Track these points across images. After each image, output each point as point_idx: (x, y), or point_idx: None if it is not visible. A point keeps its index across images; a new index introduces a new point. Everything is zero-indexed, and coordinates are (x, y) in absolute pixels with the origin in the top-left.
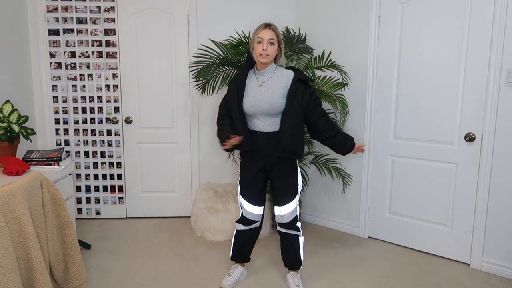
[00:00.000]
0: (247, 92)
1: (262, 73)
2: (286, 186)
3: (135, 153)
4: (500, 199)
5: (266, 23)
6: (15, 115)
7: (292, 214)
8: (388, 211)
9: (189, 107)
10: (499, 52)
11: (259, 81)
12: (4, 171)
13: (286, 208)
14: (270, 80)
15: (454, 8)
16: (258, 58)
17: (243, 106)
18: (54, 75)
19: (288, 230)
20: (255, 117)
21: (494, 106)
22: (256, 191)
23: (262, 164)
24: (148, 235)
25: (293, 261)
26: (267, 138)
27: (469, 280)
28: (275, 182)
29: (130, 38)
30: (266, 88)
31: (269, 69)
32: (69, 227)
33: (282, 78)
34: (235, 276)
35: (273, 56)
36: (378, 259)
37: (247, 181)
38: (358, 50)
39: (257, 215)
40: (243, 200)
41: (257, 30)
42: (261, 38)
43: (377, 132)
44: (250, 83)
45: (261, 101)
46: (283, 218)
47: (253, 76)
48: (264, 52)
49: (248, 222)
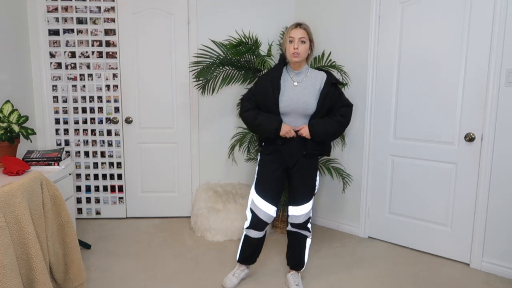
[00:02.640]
0: (283, 90)
1: (297, 73)
2: (305, 186)
3: (135, 153)
4: (500, 199)
5: (297, 23)
6: (15, 115)
7: (308, 214)
8: (388, 211)
9: (189, 107)
10: (499, 52)
11: (294, 81)
12: (4, 171)
13: (303, 209)
14: (305, 81)
15: (454, 8)
16: (291, 57)
17: (279, 104)
18: (54, 75)
19: (300, 230)
20: (288, 115)
21: (494, 106)
22: (275, 189)
23: (286, 162)
24: (148, 235)
25: (297, 261)
26: (297, 137)
27: (469, 280)
28: (295, 181)
29: (130, 38)
30: (301, 88)
31: (304, 69)
32: (69, 227)
33: (317, 79)
34: (239, 278)
35: (304, 55)
36: (378, 259)
37: (266, 179)
38: (358, 50)
39: (271, 216)
40: (258, 198)
41: (288, 30)
42: (292, 37)
43: (377, 132)
44: (284, 82)
45: (298, 101)
46: (298, 219)
47: (287, 75)
48: (295, 50)
49: (262, 225)
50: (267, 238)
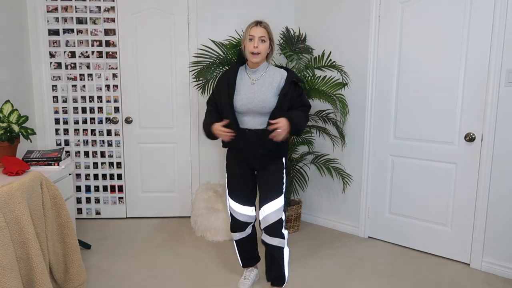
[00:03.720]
0: (239, 89)
1: (254, 71)
2: (270, 182)
3: (135, 153)
4: (500, 199)
5: (257, 21)
6: (15, 115)
7: (277, 214)
8: (388, 211)
9: (189, 107)
10: (499, 52)
11: (251, 79)
12: (4, 171)
13: (270, 207)
14: (262, 78)
15: (454, 8)
16: (249, 56)
17: (234, 104)
18: (54, 75)
19: (272, 238)
20: (246, 115)
21: (494, 106)
22: (246, 190)
23: (248, 161)
24: (148, 235)
25: (275, 276)
26: (255, 136)
27: (469, 280)
28: (260, 179)
29: (130, 38)
30: (259, 86)
31: (261, 67)
32: (69, 227)
33: (275, 77)
34: (251, 279)
35: (264, 54)
36: (378, 259)
37: (235, 179)
38: (358, 50)
39: (249, 216)
40: (232, 202)
41: (248, 28)
42: (252, 35)
43: (377, 132)
44: (241, 81)
45: (255, 99)
46: (268, 218)
47: (244, 74)
48: (255, 49)
49: (242, 226)
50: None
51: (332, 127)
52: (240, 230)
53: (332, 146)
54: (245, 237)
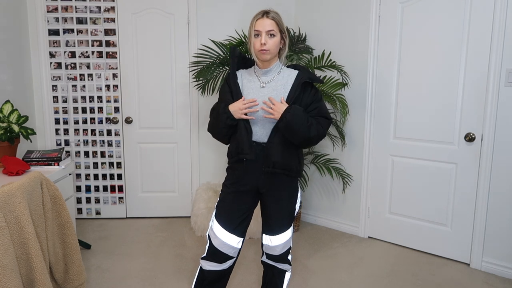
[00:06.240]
0: (246, 94)
1: (265, 72)
2: (280, 212)
3: (135, 153)
4: (500, 199)
5: (264, 11)
6: (15, 115)
7: (286, 245)
8: (388, 211)
9: (189, 107)
10: (499, 52)
11: (261, 81)
12: (4, 171)
13: (279, 239)
14: (274, 81)
15: (454, 8)
16: (257, 55)
17: None
18: (54, 75)
19: (277, 264)
20: (255, 124)
21: (494, 106)
22: (239, 214)
23: (252, 182)
24: (148, 235)
25: None
26: (263, 151)
27: (469, 280)
28: (267, 206)
29: (130, 38)
30: (269, 89)
31: (274, 67)
32: (69, 227)
33: (290, 79)
34: None
35: (275, 51)
36: (378, 259)
37: (230, 198)
38: (358, 50)
39: (234, 248)
40: (217, 226)
41: (253, 21)
42: (259, 31)
43: (377, 132)
44: (249, 83)
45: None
46: (273, 250)
47: (253, 76)
48: (263, 47)
49: (222, 258)
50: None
51: (332, 127)
52: (216, 261)
53: (332, 146)
54: (218, 271)
